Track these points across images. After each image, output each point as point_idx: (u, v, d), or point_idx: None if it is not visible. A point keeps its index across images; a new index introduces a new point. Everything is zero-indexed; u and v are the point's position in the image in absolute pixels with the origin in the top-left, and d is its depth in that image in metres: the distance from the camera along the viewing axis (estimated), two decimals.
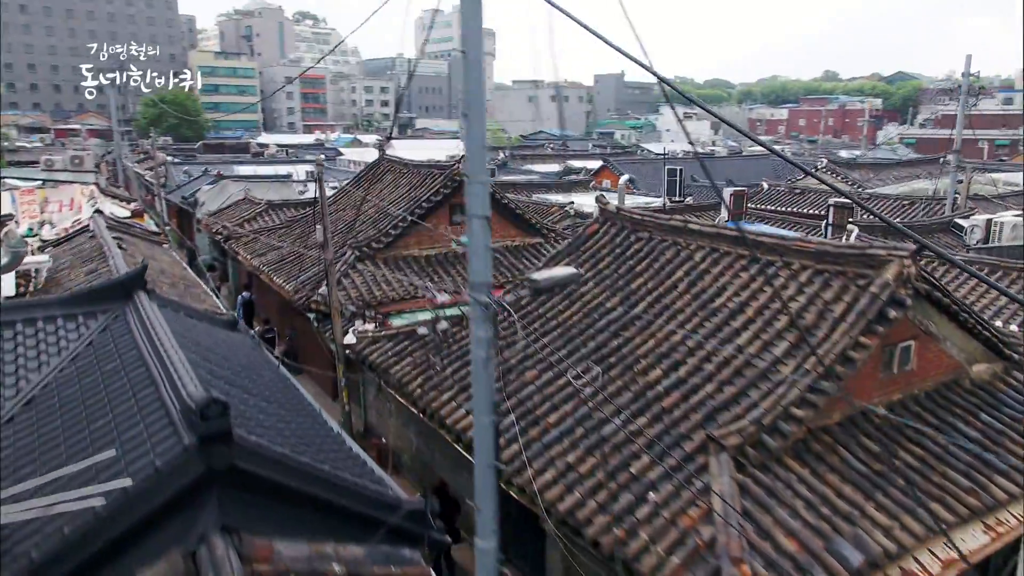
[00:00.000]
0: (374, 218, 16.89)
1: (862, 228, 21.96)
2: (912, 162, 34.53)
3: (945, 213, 22.80)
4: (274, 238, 18.93)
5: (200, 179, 31.27)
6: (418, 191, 16.82)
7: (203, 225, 24.47)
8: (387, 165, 19.64)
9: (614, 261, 10.92)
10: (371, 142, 75.61)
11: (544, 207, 25.84)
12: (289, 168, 32.92)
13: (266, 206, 22.81)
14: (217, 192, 26.74)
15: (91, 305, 8.84)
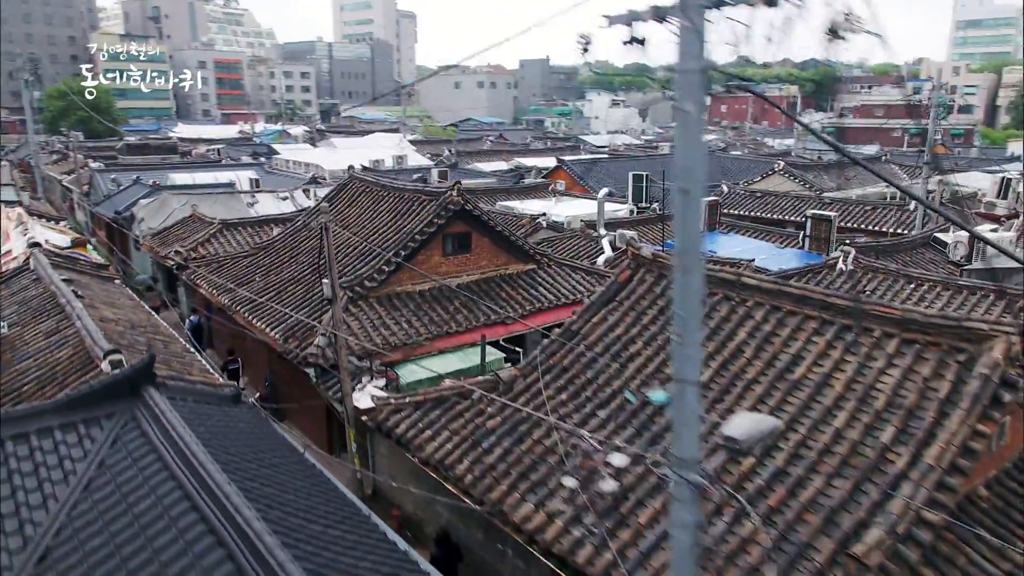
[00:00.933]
0: (359, 250, 15.61)
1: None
2: (865, 159, 35.29)
3: (914, 222, 23.28)
4: (240, 267, 17.33)
5: (131, 189, 28.71)
6: (406, 220, 15.62)
7: (146, 247, 22.35)
8: (361, 185, 18.27)
9: (659, 316, 10.21)
10: (299, 134, 72.67)
11: (514, 218, 24.93)
12: (231, 175, 30.67)
13: (220, 226, 20.96)
14: (157, 207, 24.53)
15: (92, 409, 7.45)
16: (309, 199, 27.37)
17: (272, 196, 26.90)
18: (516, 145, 60.88)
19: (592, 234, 22.02)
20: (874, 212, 25.56)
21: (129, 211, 25.73)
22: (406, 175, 35.57)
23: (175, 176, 29.56)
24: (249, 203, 26.11)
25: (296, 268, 16.07)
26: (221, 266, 17.66)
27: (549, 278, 16.59)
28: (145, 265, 24.53)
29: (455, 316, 14.48)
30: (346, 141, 42.85)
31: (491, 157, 46.98)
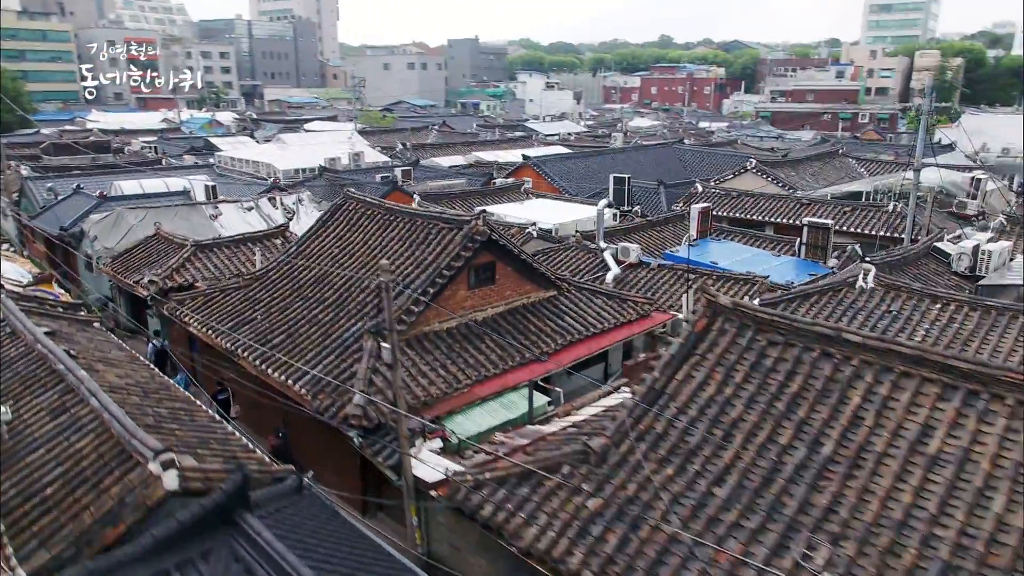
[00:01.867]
0: (370, 285, 14.39)
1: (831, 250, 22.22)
2: (821, 156, 35.92)
3: (904, 229, 23.62)
4: (234, 301, 15.81)
5: (73, 200, 26.14)
6: (425, 251, 14.50)
7: (108, 273, 20.27)
8: (362, 208, 16.93)
9: (753, 374, 9.63)
10: (230, 122, 68.92)
11: (504, 228, 23.99)
12: (182, 181, 28.36)
13: (193, 248, 19.18)
14: (111, 224, 22.31)
15: (183, 548, 6.27)
16: (276, 208, 25.61)
17: (235, 207, 24.98)
18: (465, 135, 59.49)
19: (590, 246, 21.35)
20: (855, 213, 25.87)
21: (76, 227, 23.36)
22: (366, 175, 34.04)
23: (121, 184, 27.07)
24: (211, 215, 24.15)
25: (305, 305, 14.71)
26: (210, 300, 16.07)
27: (573, 305, 15.83)
28: (101, 286, 22.38)
29: (489, 356, 13.56)
30: (296, 137, 40.53)
31: (445, 150, 45.58)
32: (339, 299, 14.50)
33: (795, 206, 27.43)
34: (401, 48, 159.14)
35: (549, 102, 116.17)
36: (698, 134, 72.51)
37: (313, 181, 32.52)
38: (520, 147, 48.84)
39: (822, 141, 59.16)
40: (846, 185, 30.97)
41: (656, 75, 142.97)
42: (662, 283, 19.30)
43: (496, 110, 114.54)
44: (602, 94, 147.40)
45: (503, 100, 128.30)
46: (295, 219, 25.40)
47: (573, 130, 64.87)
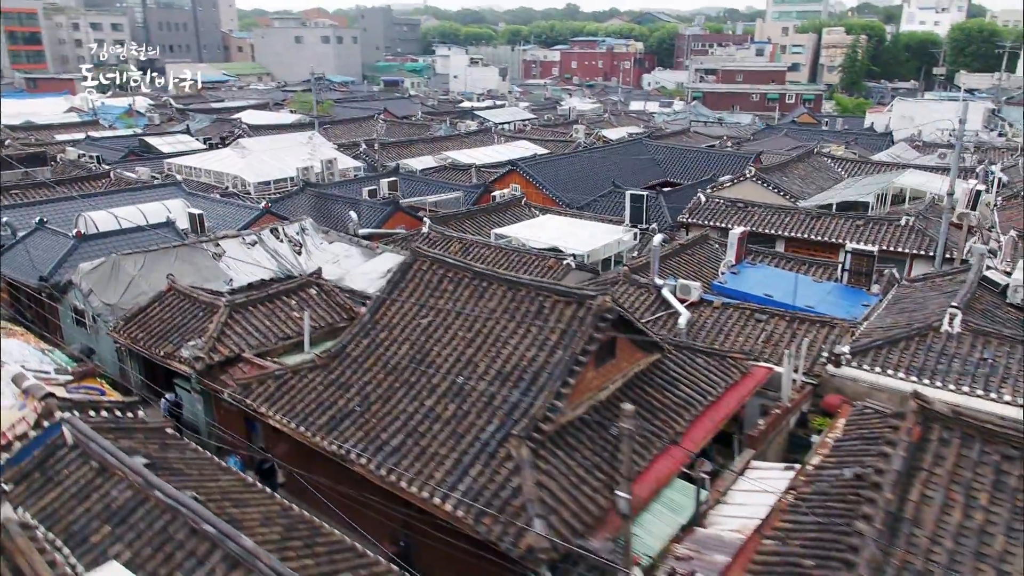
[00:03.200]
0: (472, 364, 13.10)
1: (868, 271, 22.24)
2: (802, 157, 36.40)
3: (921, 244, 24.03)
4: (315, 385, 14.08)
5: (38, 238, 22.88)
6: (545, 330, 13.29)
7: (126, 343, 17.74)
8: (441, 269, 15.41)
9: (998, 495, 9.20)
10: (146, 107, 63.23)
11: (537, 258, 22.91)
12: (159, 208, 25.41)
13: (228, 309, 17.06)
14: (108, 274, 19.58)
15: None
16: (280, 240, 23.36)
17: (237, 242, 22.59)
18: (414, 123, 57.03)
19: (641, 281, 20.57)
20: (869, 227, 26.26)
21: (60, 276, 20.43)
22: (350, 188, 31.89)
23: (93, 218, 23.94)
24: (215, 255, 21.72)
25: (412, 395, 13.21)
26: (285, 384, 14.26)
27: (679, 368, 15.06)
28: (98, 343, 19.72)
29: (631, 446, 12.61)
30: (255, 142, 37.24)
31: (411, 149, 43.41)
32: (453, 387, 13.12)
33: (805, 219, 27.64)
34: (313, 23, 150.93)
35: (475, 79, 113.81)
36: (639, 117, 72.79)
37: (294, 197, 30.04)
38: (483, 143, 47.26)
39: (766, 128, 60.53)
40: (837, 191, 31.34)
41: (576, 49, 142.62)
42: (731, 324, 18.79)
43: (420, 88, 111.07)
44: (522, 68, 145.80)
45: (424, 76, 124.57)
46: (303, 252, 23.34)
47: (520, 117, 63.39)
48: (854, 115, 72.79)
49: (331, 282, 20.92)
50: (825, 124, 65.46)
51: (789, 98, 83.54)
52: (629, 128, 59.63)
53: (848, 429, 13.92)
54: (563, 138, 50.74)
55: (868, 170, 36.20)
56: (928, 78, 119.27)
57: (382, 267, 21.45)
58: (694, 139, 55.01)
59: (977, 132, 56.03)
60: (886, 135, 54.88)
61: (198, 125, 53.92)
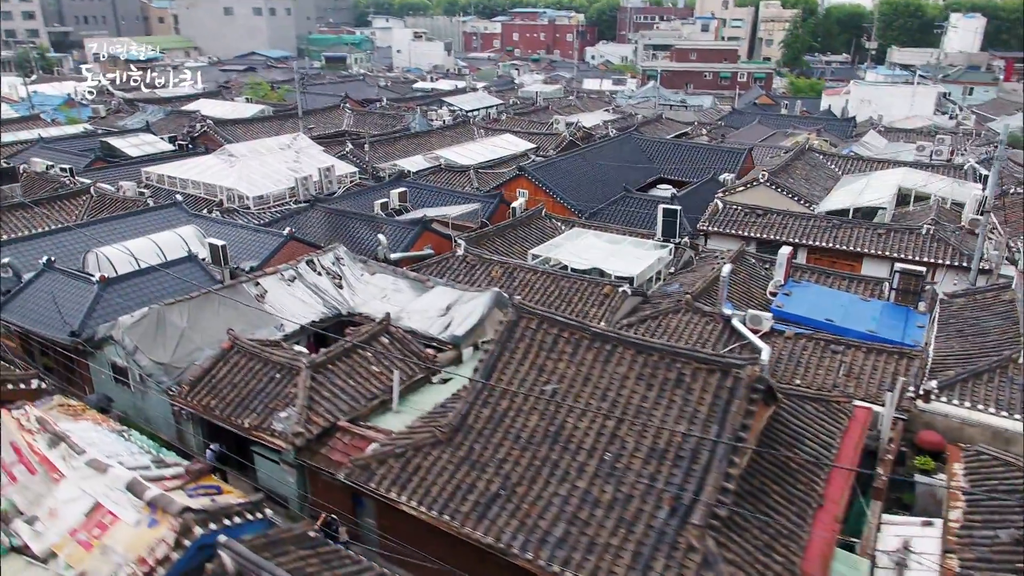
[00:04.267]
0: (640, 448, 12.68)
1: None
2: (797, 156, 36.84)
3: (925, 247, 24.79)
4: (439, 464, 13.35)
5: (49, 281, 20.82)
6: (690, 401, 12.96)
7: (198, 410, 16.36)
8: (555, 329, 14.77)
9: None
10: (84, 95, 58.61)
11: (591, 284, 22.43)
12: (174, 238, 23.53)
13: (308, 371, 15.96)
14: (152, 327, 18.00)
15: None
16: (318, 273, 22.06)
17: (276, 279, 21.19)
18: (385, 112, 54.92)
19: (704, 309, 20.44)
20: (892, 237, 26.84)
21: (92, 330, 18.68)
22: (359, 201, 30.50)
23: (107, 255, 21.90)
24: (258, 296, 20.32)
25: (561, 475, 12.66)
26: (409, 463, 13.47)
27: (796, 419, 15.05)
28: (144, 403, 18.23)
29: (786, 515, 12.55)
30: (244, 147, 34.85)
31: (396, 147, 41.77)
32: (604, 466, 12.64)
33: (827, 227, 28.09)
34: None
35: (419, 54, 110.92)
36: (602, 99, 72.45)
37: (303, 215, 28.44)
38: (465, 137, 46.00)
39: (733, 112, 61.25)
40: (848, 194, 31.86)
41: (518, 21, 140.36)
42: (807, 356, 18.88)
43: (364, 64, 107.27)
44: (463, 41, 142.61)
45: (364, 50, 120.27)
46: (344, 286, 22.14)
47: (488, 103, 61.94)
48: (808, 95, 74.60)
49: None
50: (784, 106, 66.80)
51: (741, 76, 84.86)
52: (600, 113, 59.28)
53: (973, 478, 14.28)
54: (542, 129, 49.94)
55: (860, 167, 37.10)
56: (860, 51, 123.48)
57: (439, 303, 20.55)
58: (667, 126, 55.20)
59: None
60: (849, 120, 56.46)
61: (151, 118, 50.28)
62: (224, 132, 45.00)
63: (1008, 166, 38.76)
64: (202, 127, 46.05)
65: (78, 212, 28.70)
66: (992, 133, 54.04)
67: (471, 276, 23.79)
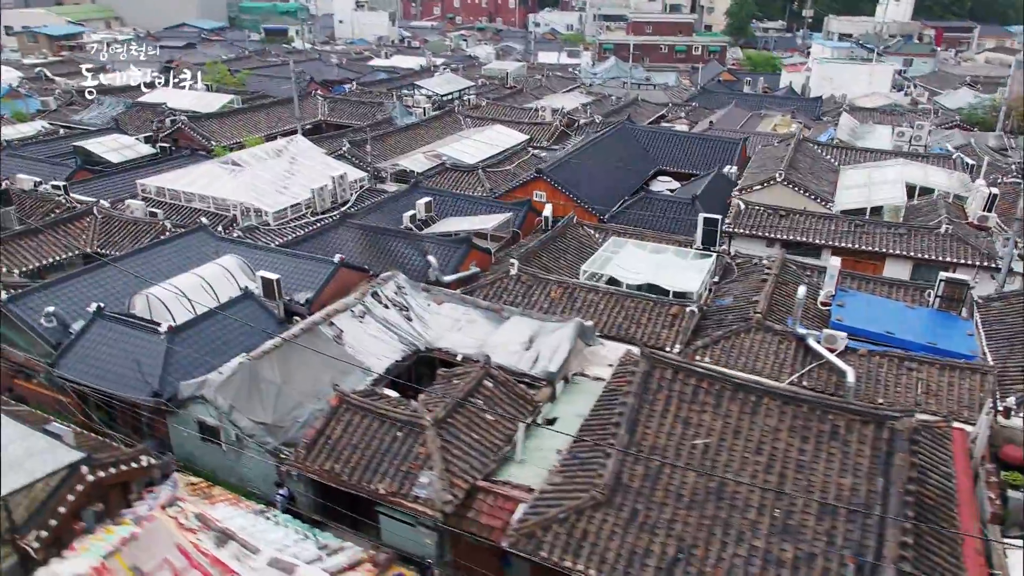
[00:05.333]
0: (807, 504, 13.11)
1: None
2: (797, 150, 37.68)
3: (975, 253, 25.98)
4: (608, 524, 13.46)
5: (102, 330, 19.49)
6: (847, 455, 13.45)
7: (329, 480, 15.77)
8: (692, 380, 14.95)
9: None
10: (16, 82, 54.30)
11: (657, 304, 22.55)
12: (218, 271, 22.31)
13: (435, 429, 15.68)
14: (247, 384, 17.21)
15: None
16: (385, 305, 21.46)
17: (347, 315, 20.51)
18: (361, 98, 52.96)
19: (776, 328, 21.00)
20: (912, 236, 28.05)
21: (174, 389, 17.70)
22: (386, 213, 29.65)
23: (159, 297, 20.60)
24: (336, 337, 19.65)
25: (736, 536, 12.97)
26: (575, 527, 13.50)
27: (927, 462, 15.82)
28: (240, 466, 17.53)
29: (952, 567, 13.31)
30: (247, 155, 32.93)
31: (389, 143, 40.52)
32: (777, 524, 13.03)
33: (850, 228, 29.10)
34: None
35: (363, 24, 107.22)
36: (566, 76, 71.97)
37: (332, 233, 27.40)
38: (453, 128, 45.03)
39: (703, 91, 61.93)
40: (859, 191, 32.86)
41: None
42: (883, 374, 19.73)
43: (306, 36, 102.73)
44: (402, 7, 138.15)
45: (302, 20, 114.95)
46: (412, 318, 21.61)
47: (460, 86, 60.46)
48: (766, 71, 76.17)
49: (467, 356, 19.76)
50: (747, 83, 68.04)
51: (696, 50, 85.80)
52: (575, 95, 58.99)
53: None
54: (525, 116, 49.37)
55: (854, 157, 38.35)
56: (796, 19, 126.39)
57: (521, 335, 20.36)
58: (644, 108, 55.52)
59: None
60: (816, 100, 58.12)
61: (111, 111, 46.91)
62: (201, 129, 42.58)
63: (982, 149, 41.01)
64: (175, 123, 43.43)
65: (85, 237, 26.84)
66: (948, 112, 56.71)
67: (529, 298, 23.62)
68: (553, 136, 44.25)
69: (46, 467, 13.40)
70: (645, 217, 32.12)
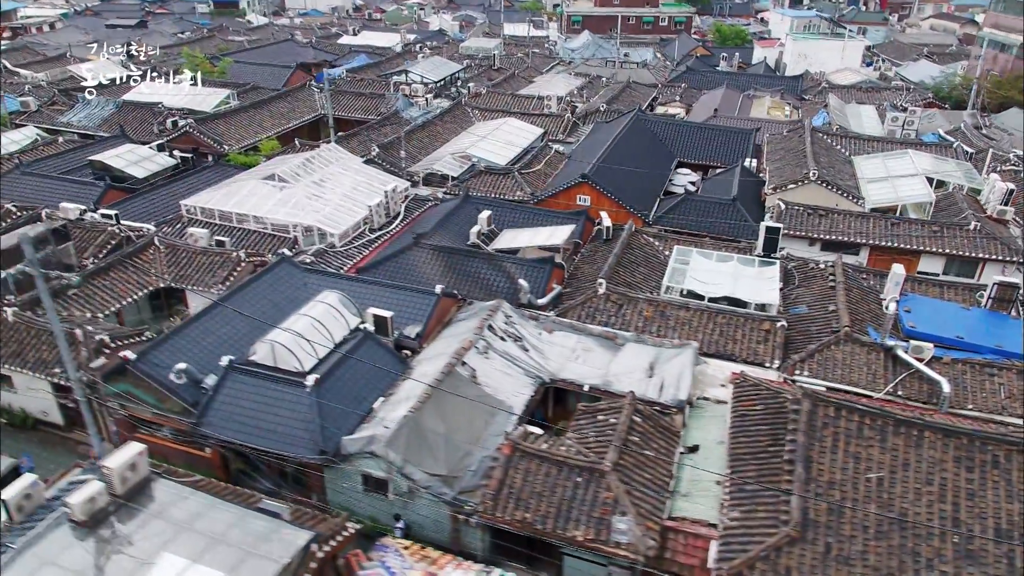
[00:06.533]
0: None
1: None
2: (815, 143, 39.36)
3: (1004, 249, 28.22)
4: (808, 558, 14.88)
5: (238, 384, 19.47)
6: (1007, 482, 15.19)
7: (511, 524, 16.57)
8: (858, 417, 16.36)
9: None
10: None
11: (747, 319, 23.89)
12: (323, 309, 22.31)
13: (614, 472, 16.67)
14: (414, 436, 17.70)
15: None
16: (500, 336, 22.07)
17: (475, 352, 21.06)
18: (362, 88, 51.73)
19: (862, 340, 22.59)
20: (946, 232, 30.19)
21: (339, 445, 18.03)
22: (449, 229, 29.80)
23: (281, 341, 20.50)
24: (471, 377, 20.24)
25: (925, 561, 14.58)
26: (776, 562, 14.87)
27: None
28: (407, 514, 18.15)
29: None
30: (286, 168, 32.05)
31: (414, 143, 40.16)
32: (960, 549, 14.68)
33: (886, 226, 31.10)
34: None
35: None
36: (542, 50, 71.64)
37: (406, 256, 27.42)
38: (463, 122, 44.85)
39: (687, 71, 62.93)
40: (884, 185, 34.75)
41: None
42: (967, 380, 21.70)
43: (255, 6, 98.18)
44: None
45: None
46: (530, 349, 22.31)
47: (451, 70, 59.27)
48: (735, 44, 77.72)
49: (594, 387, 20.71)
50: (723, 58, 69.49)
51: (662, 20, 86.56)
52: (565, 78, 59.11)
53: None
54: (529, 106, 49.46)
55: (862, 147, 40.39)
56: None
57: (640, 362, 21.41)
58: (637, 92, 56.27)
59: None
60: (798, 78, 60.07)
61: (100, 112, 44.51)
62: (209, 132, 41.10)
63: (973, 135, 43.74)
64: (176, 125, 41.75)
65: (155, 271, 26.16)
66: (915, 87, 59.64)
67: (621, 317, 24.60)
68: (567, 128, 44.68)
69: (287, 551, 13.77)
70: (687, 219, 33.28)
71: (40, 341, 21.39)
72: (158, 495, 15.19)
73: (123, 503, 14.74)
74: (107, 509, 14.54)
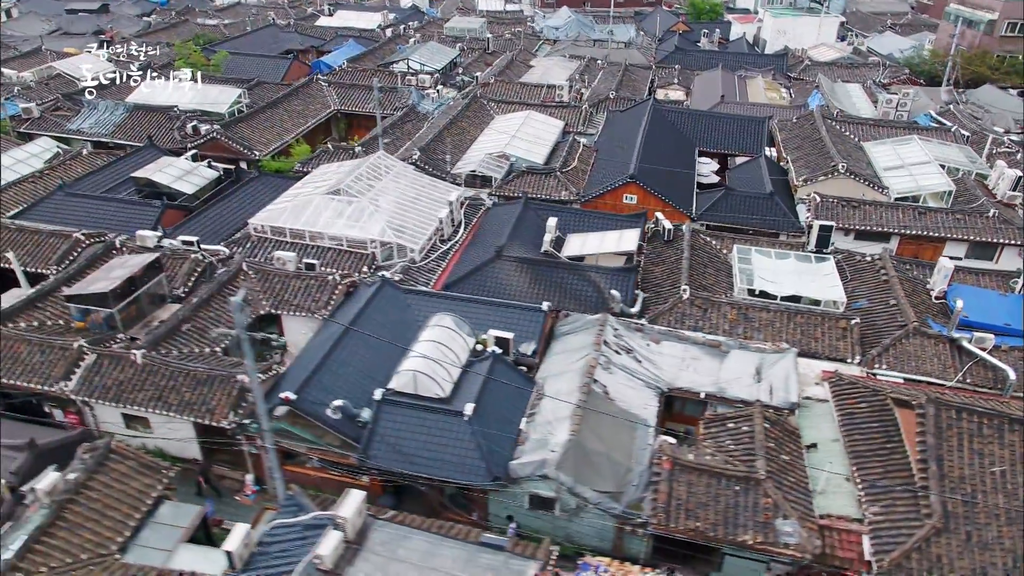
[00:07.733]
0: None
1: None
2: (830, 132, 41.59)
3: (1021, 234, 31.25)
4: None
5: (393, 416, 20.51)
6: None
7: (694, 535, 18.36)
8: (977, 418, 18.71)
9: None
10: None
11: (823, 318, 26.02)
12: (448, 334, 23.36)
13: (769, 481, 18.69)
14: (580, 457, 19.23)
15: None
16: (614, 350, 23.62)
17: (601, 369, 22.58)
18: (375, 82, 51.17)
19: (929, 333, 25.07)
20: (968, 220, 33.00)
21: (497, 468, 19.42)
22: (523, 239, 30.89)
23: (424, 370, 21.49)
24: (604, 393, 21.81)
25: None
26: (927, 553, 17.21)
27: None
28: (572, 527, 19.82)
29: None
30: (350, 182, 32.12)
31: (446, 143, 40.63)
32: None
33: (915, 216, 33.74)
34: None
35: None
36: (534, 35, 71.76)
37: (488, 269, 28.45)
38: (484, 117, 45.37)
39: (677, 51, 64.10)
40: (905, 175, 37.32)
41: None
42: (1022, 367, 24.49)
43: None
44: None
45: None
46: (641, 360, 23.95)
47: (450, 57, 59.02)
48: (711, 18, 79.25)
49: (710, 394, 22.58)
50: (704, 34, 71.02)
51: None
52: (559, 61, 59.73)
53: None
54: (539, 95, 50.18)
55: (868, 133, 42.95)
56: None
57: (747, 368, 23.34)
58: (635, 76, 57.52)
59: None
60: (782, 56, 62.28)
61: (111, 117, 43.11)
62: (236, 137, 40.60)
63: (965, 117, 46.85)
64: (196, 131, 41.03)
65: (252, 297, 26.53)
66: (889, 62, 62.72)
67: (707, 320, 26.47)
68: (586, 120, 45.78)
69: None
70: (729, 215, 35.19)
71: (178, 383, 21.84)
72: (379, 537, 16.38)
73: (357, 548, 15.90)
74: (344, 556, 15.68)
